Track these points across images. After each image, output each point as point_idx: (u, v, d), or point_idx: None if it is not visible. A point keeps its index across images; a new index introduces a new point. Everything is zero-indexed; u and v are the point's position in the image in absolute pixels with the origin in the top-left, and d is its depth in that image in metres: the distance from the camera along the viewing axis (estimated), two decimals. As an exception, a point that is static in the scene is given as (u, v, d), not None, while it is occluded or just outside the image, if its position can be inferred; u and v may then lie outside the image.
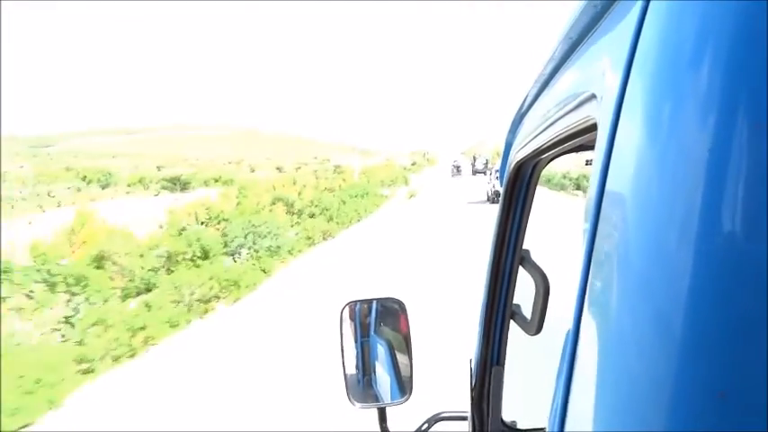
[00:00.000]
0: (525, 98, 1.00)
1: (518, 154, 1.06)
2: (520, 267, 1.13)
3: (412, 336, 1.50)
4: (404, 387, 1.50)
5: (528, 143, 0.96)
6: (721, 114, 0.32)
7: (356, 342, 1.65)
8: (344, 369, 1.56)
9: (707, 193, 0.32)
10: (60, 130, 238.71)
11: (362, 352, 1.65)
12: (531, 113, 0.96)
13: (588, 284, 0.43)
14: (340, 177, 39.70)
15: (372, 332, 1.67)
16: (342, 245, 18.46)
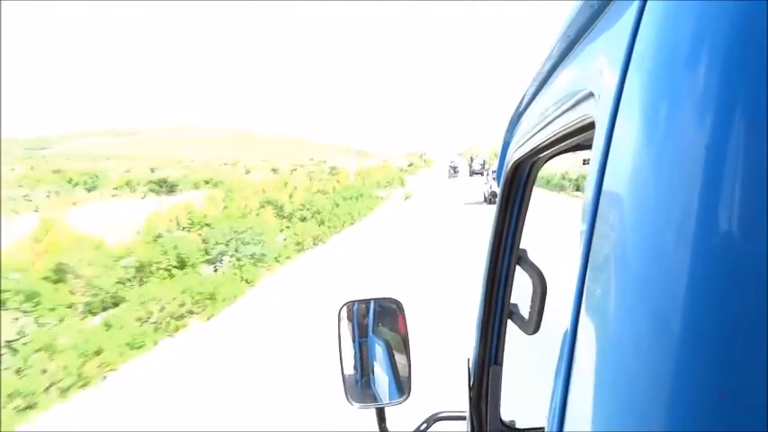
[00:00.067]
0: (523, 97, 1.01)
1: (516, 153, 1.07)
2: (517, 267, 1.13)
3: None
4: (402, 387, 1.50)
5: (525, 142, 0.96)
6: (718, 113, 0.32)
7: (354, 342, 1.65)
8: (343, 369, 1.56)
9: (704, 193, 0.31)
10: (59, 132, 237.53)
11: (361, 352, 1.65)
12: (529, 112, 0.97)
13: (585, 284, 0.43)
14: (334, 179, 38.63)
15: (370, 332, 1.67)
16: (332, 251, 17.50)
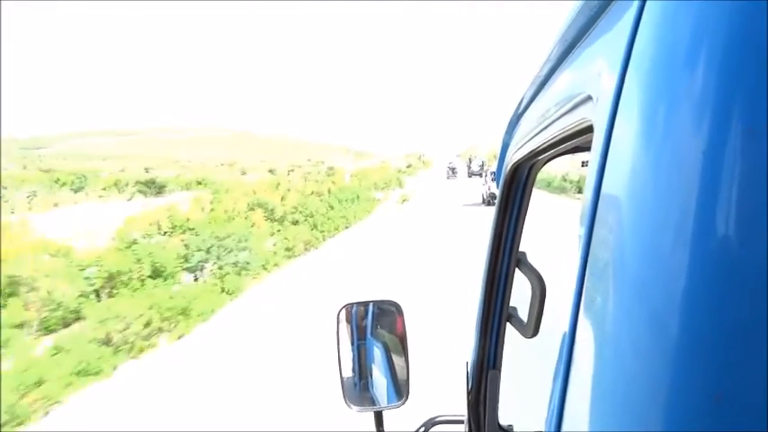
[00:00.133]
0: (522, 99, 1.02)
1: (515, 155, 1.07)
2: (516, 270, 1.13)
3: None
4: (400, 390, 1.49)
5: (524, 144, 0.96)
6: (716, 116, 0.32)
7: (353, 345, 1.64)
8: (341, 372, 1.54)
9: (703, 196, 0.31)
10: (59, 132, 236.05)
11: (359, 355, 1.63)
12: (528, 115, 0.97)
13: (584, 287, 0.43)
14: (330, 180, 37.54)
15: (369, 335, 1.65)
16: (325, 257, 16.42)
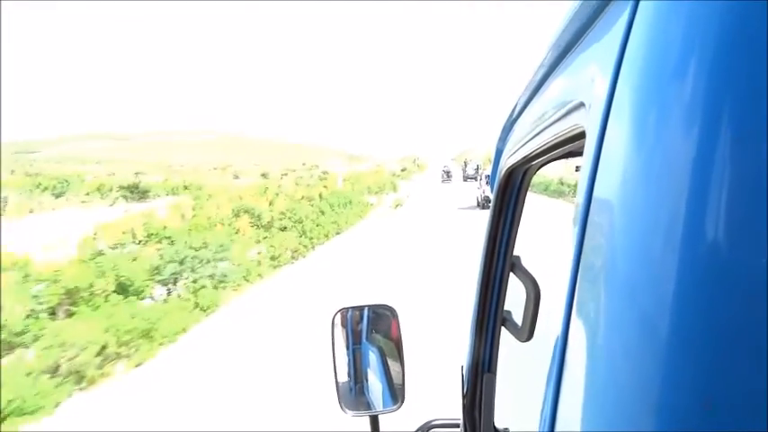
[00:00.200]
0: (516, 105, 1.02)
1: (509, 160, 1.08)
2: (511, 274, 1.13)
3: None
4: (396, 394, 1.50)
5: (518, 150, 0.97)
6: (707, 123, 0.32)
7: (348, 349, 1.63)
8: (336, 377, 1.54)
9: (693, 200, 0.32)
10: (56, 135, 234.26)
11: (354, 359, 1.63)
12: (522, 120, 0.98)
13: (577, 290, 0.43)
14: (321, 184, 36.49)
15: (364, 339, 1.65)
16: (314, 265, 15.40)
